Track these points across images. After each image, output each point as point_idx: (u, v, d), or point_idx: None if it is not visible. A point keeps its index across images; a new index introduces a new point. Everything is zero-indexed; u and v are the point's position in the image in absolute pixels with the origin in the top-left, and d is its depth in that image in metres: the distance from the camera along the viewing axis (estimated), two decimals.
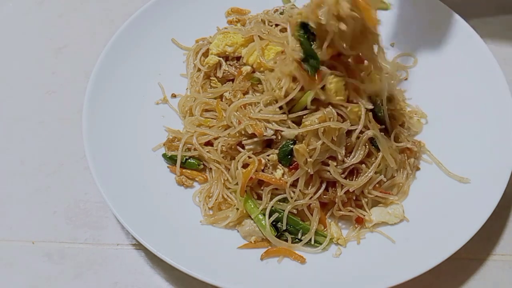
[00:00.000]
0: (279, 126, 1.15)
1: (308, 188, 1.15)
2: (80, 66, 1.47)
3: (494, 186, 1.14)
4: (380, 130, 1.18)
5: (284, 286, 1.09)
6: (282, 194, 1.16)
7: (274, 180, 1.16)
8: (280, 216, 1.16)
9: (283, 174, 1.16)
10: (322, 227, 1.17)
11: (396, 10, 1.43)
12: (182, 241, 1.13)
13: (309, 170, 1.12)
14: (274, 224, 1.16)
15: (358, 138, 1.15)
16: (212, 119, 1.28)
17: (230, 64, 1.34)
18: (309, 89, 1.11)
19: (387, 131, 1.23)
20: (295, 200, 1.15)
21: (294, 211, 1.17)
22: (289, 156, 1.15)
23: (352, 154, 1.16)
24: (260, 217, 1.15)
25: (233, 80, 1.30)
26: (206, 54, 1.37)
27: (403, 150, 1.23)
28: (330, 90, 1.11)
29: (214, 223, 1.18)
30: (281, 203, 1.16)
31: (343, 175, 1.15)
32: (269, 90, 1.17)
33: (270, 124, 1.15)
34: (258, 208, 1.16)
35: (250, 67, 1.27)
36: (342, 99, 1.13)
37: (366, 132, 1.15)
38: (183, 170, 1.24)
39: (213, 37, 1.39)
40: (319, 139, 1.11)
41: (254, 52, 1.28)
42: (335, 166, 1.14)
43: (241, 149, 1.20)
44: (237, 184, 1.18)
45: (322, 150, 1.11)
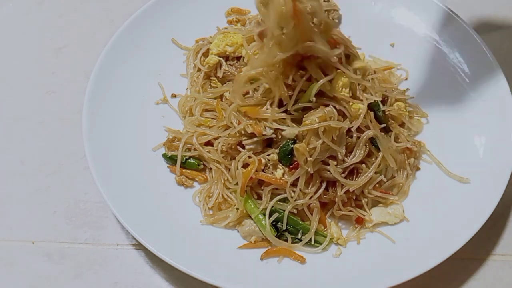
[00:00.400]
0: (278, 125, 1.15)
1: (308, 188, 1.15)
2: (80, 66, 1.47)
3: (494, 186, 1.14)
4: (380, 130, 1.19)
5: (284, 286, 1.09)
6: (282, 194, 1.16)
7: (274, 180, 1.16)
8: (280, 216, 1.16)
9: (283, 174, 1.16)
10: (322, 227, 1.17)
11: (395, 11, 1.43)
12: (182, 241, 1.13)
13: (309, 169, 1.12)
14: (274, 224, 1.16)
15: (359, 138, 1.15)
16: (212, 119, 1.27)
17: (230, 64, 1.34)
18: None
19: (387, 131, 1.23)
20: (295, 200, 1.15)
21: (294, 211, 1.17)
22: (289, 156, 1.15)
23: (353, 153, 1.16)
24: (260, 217, 1.15)
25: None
26: (206, 54, 1.37)
27: (403, 150, 1.23)
28: (337, 84, 1.12)
29: (214, 223, 1.18)
30: (281, 203, 1.16)
31: (343, 175, 1.15)
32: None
33: (269, 123, 1.15)
34: (258, 208, 1.16)
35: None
36: (346, 95, 1.14)
37: (366, 132, 1.16)
38: (183, 170, 1.24)
39: (213, 37, 1.39)
40: (319, 138, 1.11)
41: None
42: (335, 165, 1.14)
43: (241, 149, 1.20)
44: (237, 184, 1.18)
45: (322, 149, 1.12)
